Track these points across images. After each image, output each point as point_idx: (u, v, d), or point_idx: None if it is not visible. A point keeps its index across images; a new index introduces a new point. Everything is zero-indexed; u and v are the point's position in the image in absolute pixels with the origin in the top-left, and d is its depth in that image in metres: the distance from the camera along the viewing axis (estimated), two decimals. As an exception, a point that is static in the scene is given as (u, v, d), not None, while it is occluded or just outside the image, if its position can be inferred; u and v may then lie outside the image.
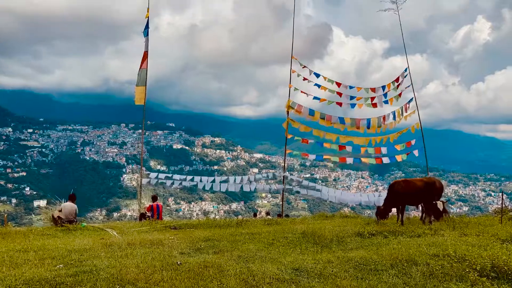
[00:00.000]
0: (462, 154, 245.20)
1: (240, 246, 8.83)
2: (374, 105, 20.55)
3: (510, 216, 12.92)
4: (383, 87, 20.56)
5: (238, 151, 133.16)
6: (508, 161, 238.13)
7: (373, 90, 20.71)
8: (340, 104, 20.76)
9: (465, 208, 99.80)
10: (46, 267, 6.99)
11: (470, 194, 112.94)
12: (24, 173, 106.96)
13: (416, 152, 19.75)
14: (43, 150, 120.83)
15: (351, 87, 21.02)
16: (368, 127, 20.08)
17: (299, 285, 6.24)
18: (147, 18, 20.27)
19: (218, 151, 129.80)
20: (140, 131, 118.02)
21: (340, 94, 20.89)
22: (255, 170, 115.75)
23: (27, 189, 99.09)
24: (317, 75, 21.23)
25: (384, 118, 20.09)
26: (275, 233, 10.34)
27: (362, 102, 20.68)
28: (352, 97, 20.84)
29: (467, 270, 6.61)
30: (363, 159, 21.25)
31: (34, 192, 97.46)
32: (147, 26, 20.18)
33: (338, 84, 20.99)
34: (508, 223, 11.43)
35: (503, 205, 13.49)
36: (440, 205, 12.32)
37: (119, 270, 6.64)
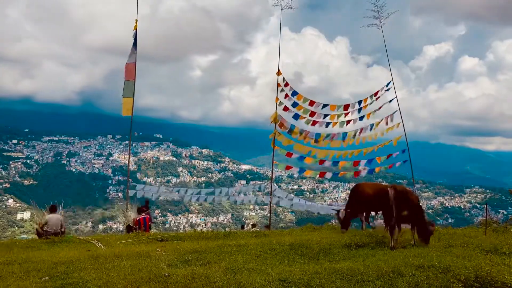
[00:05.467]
0: (447, 166, 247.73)
1: (228, 258, 8.83)
2: (348, 123, 20.62)
3: (494, 228, 13.14)
4: (359, 102, 20.61)
5: (226, 162, 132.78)
6: (493, 173, 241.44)
7: (347, 107, 20.71)
8: (314, 123, 20.78)
9: (451, 220, 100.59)
10: (32, 280, 6.92)
11: (456, 206, 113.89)
12: (8, 185, 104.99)
13: (397, 164, 19.86)
14: (28, 161, 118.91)
15: (325, 105, 20.96)
16: (343, 140, 20.16)
17: (287, 297, 6.27)
18: (135, 30, 20.33)
19: (206, 162, 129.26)
20: (127, 142, 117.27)
21: (313, 113, 20.84)
22: (243, 181, 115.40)
23: (10, 201, 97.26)
24: (294, 94, 21.23)
25: (361, 130, 20.19)
26: (263, 245, 10.36)
27: (336, 120, 20.60)
28: (326, 115, 20.83)
29: (452, 280, 6.71)
30: (341, 173, 21.38)
31: (18, 204, 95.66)
32: (135, 38, 20.24)
33: (311, 103, 20.99)
34: (492, 235, 11.61)
35: (488, 217, 13.70)
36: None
37: (106, 282, 6.60)
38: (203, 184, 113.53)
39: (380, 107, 20.30)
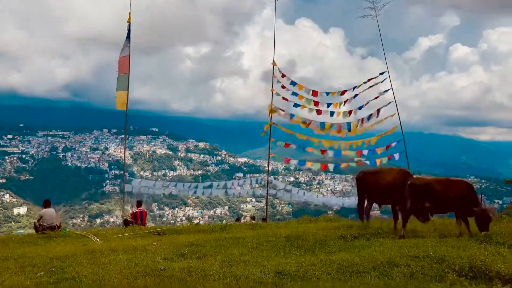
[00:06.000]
0: (442, 157, 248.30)
1: (224, 250, 8.85)
2: (350, 113, 20.66)
3: (489, 217, 13.16)
4: (354, 88, 20.68)
5: (223, 155, 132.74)
6: (487, 163, 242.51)
7: (344, 92, 20.76)
8: (319, 112, 20.80)
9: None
10: (27, 275, 6.91)
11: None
12: (4, 180, 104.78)
13: (397, 156, 19.95)
14: (23, 156, 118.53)
15: (327, 93, 20.98)
16: (349, 130, 20.24)
17: (282, 288, 6.29)
18: (128, 23, 20.15)
19: (202, 155, 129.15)
20: (123, 136, 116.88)
21: (316, 103, 20.84)
22: (240, 174, 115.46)
23: (6, 196, 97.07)
24: (293, 84, 21.16)
25: (362, 120, 20.25)
26: (259, 237, 10.37)
27: (339, 109, 20.67)
28: (329, 104, 20.85)
29: (446, 270, 6.74)
30: (343, 165, 21.38)
31: (14, 199, 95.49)
32: (129, 31, 20.07)
33: (314, 93, 20.96)
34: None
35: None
36: None
37: (101, 277, 6.60)
38: (200, 177, 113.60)
39: (376, 97, 20.33)
